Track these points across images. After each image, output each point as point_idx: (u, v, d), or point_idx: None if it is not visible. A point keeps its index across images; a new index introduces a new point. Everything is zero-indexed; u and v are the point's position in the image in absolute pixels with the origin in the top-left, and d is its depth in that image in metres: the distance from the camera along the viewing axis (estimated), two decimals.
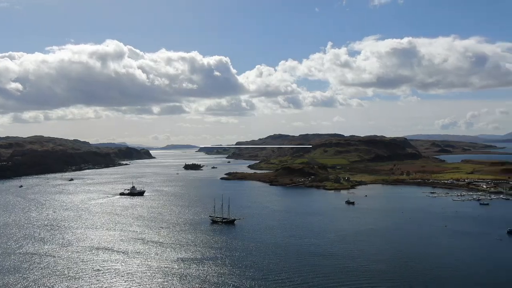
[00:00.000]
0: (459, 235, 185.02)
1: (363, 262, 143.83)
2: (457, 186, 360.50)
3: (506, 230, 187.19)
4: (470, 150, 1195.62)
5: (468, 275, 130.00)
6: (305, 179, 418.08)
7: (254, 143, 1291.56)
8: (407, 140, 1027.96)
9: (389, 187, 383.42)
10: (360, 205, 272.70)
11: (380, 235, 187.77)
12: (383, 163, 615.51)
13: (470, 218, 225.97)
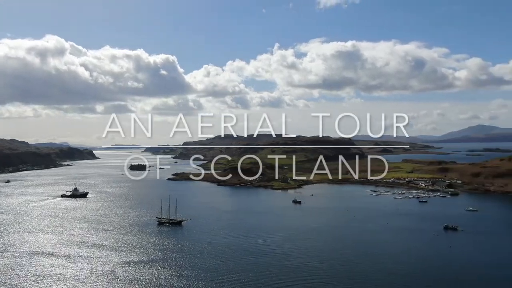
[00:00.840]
0: (400, 231, 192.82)
1: (310, 260, 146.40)
2: (398, 185, 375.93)
3: (442, 226, 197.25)
4: (410, 150, 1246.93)
5: (408, 269, 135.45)
6: (253, 179, 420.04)
7: (202, 143, 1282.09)
8: (352, 141, 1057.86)
9: (334, 186, 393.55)
10: (307, 204, 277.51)
11: (326, 233, 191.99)
12: (329, 162, 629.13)
13: (410, 215, 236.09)
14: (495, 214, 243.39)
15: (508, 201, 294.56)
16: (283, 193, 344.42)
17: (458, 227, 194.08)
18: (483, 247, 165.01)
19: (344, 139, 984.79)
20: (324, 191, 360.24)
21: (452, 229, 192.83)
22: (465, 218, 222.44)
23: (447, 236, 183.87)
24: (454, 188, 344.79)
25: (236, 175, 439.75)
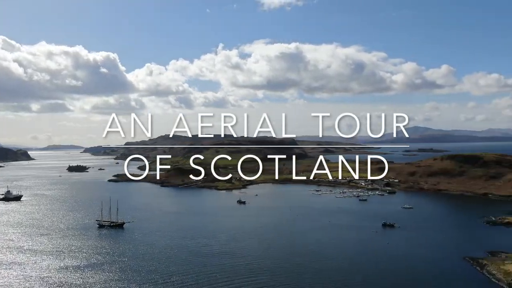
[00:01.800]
0: (342, 229, 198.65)
1: (254, 259, 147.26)
2: (340, 184, 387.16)
3: (381, 223, 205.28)
4: (351, 150, 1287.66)
5: (349, 265, 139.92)
6: (198, 179, 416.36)
7: (144, 144, 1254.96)
8: (295, 141, 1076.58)
9: (278, 186, 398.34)
10: (251, 204, 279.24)
11: (270, 232, 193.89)
12: (273, 162, 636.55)
13: (351, 213, 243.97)
14: (428, 211, 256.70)
15: (440, 198, 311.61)
16: (227, 193, 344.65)
17: (395, 224, 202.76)
18: (417, 242, 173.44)
19: (287, 139, 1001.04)
20: (268, 190, 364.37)
21: (390, 226, 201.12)
22: (402, 215, 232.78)
23: (385, 233, 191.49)
24: (391, 186, 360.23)
25: (180, 175, 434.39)
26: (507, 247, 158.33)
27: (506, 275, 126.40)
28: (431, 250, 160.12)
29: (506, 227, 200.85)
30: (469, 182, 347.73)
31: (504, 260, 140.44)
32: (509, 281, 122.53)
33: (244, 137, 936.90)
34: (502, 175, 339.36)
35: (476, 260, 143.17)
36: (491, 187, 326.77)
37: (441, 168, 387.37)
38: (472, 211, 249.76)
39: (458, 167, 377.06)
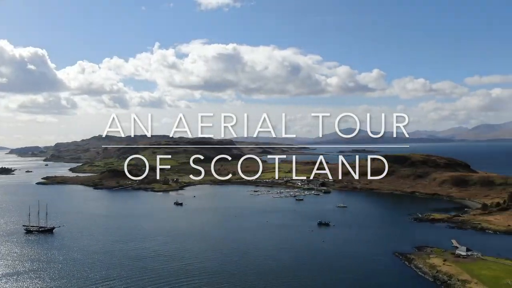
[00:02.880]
0: (279, 228, 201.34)
1: (191, 261, 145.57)
2: (277, 184, 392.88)
3: (316, 222, 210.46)
4: (288, 151, 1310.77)
5: (286, 264, 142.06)
6: (133, 181, 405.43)
7: (76, 145, 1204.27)
8: (233, 142, 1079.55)
9: (216, 187, 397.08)
10: (189, 205, 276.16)
11: (208, 233, 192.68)
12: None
13: (288, 212, 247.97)
14: (361, 209, 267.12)
15: (372, 197, 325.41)
16: (164, 195, 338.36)
17: (330, 223, 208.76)
18: (351, 239, 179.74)
19: (226, 140, 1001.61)
20: (206, 192, 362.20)
21: (325, 225, 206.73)
22: (337, 214, 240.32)
23: (321, 231, 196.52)
24: (326, 186, 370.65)
25: (115, 177, 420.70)
26: (432, 242, 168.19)
27: (431, 268, 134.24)
28: (363, 247, 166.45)
29: (431, 223, 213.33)
30: (398, 181, 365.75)
31: (430, 254, 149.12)
32: (434, 273, 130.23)
33: (182, 138, 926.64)
34: (428, 174, 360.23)
35: (405, 255, 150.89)
36: (418, 185, 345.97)
37: (373, 168, 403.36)
38: (401, 208, 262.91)
39: (388, 167, 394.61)
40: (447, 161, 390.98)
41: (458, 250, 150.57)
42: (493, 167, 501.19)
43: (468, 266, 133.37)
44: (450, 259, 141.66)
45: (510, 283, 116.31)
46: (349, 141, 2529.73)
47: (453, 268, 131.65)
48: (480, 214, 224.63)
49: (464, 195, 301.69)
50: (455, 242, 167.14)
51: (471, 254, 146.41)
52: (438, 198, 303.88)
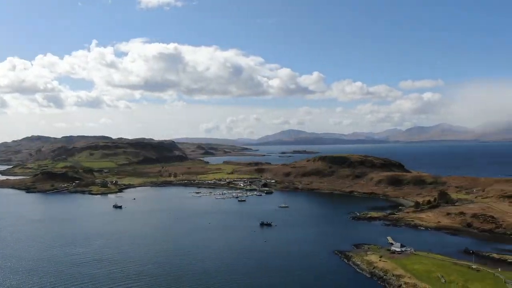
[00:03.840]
0: (221, 230, 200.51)
1: (131, 265, 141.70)
2: (219, 186, 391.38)
3: (259, 223, 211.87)
4: (230, 152, 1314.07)
5: (229, 265, 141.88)
6: (69, 184, 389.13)
7: (6, 146, 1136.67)
8: (175, 143, 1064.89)
9: (157, 189, 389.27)
10: (129, 208, 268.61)
11: (148, 236, 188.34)
12: (152, 165, 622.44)
13: (230, 213, 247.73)
14: (302, 209, 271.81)
15: (313, 196, 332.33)
16: (102, 198, 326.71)
17: (272, 223, 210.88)
18: (292, 238, 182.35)
19: (167, 141, 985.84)
20: (147, 194, 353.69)
21: (267, 225, 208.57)
22: (278, 214, 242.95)
23: (263, 232, 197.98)
24: (268, 187, 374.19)
25: (49, 180, 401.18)
26: (369, 240, 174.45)
27: (368, 265, 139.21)
28: (304, 246, 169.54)
29: (368, 222, 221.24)
30: (337, 181, 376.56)
31: (367, 251, 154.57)
32: (371, 270, 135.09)
33: (122, 139, 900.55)
34: (365, 174, 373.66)
35: (344, 253, 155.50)
36: (356, 185, 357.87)
37: (313, 169, 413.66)
38: (340, 208, 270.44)
39: (328, 168, 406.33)
40: (383, 162, 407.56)
41: (393, 247, 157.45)
42: (425, 167, 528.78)
43: (402, 261, 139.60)
44: (386, 255, 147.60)
45: (440, 276, 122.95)
46: (291, 142, 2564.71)
47: (388, 264, 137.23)
48: (413, 212, 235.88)
49: (399, 194, 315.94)
50: (390, 239, 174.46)
51: (405, 250, 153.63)
52: (374, 197, 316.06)
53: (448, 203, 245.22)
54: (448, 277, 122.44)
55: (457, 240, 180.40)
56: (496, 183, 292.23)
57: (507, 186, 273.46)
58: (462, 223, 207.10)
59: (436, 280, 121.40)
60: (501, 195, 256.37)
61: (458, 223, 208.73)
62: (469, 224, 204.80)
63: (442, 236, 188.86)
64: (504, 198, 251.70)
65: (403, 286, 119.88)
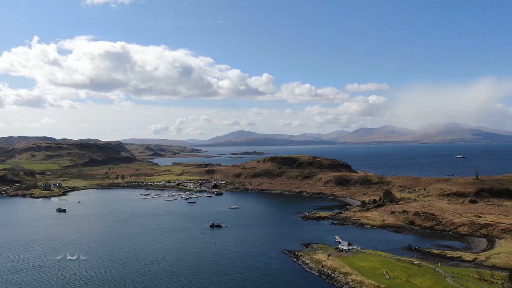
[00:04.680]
0: (170, 232, 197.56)
1: (76, 270, 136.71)
2: (169, 187, 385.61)
3: (209, 224, 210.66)
4: (180, 153, 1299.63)
5: (178, 267, 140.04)
6: (8, 187, 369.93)
7: None
8: (122, 144, 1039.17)
9: (104, 191, 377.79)
10: (73, 212, 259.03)
11: (94, 240, 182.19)
12: (98, 167, 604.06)
13: (180, 215, 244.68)
14: (252, 210, 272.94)
15: (263, 197, 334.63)
16: (45, 202, 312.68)
17: (222, 224, 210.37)
18: (242, 239, 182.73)
19: (114, 143, 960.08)
20: (93, 197, 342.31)
21: (217, 226, 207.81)
22: (229, 215, 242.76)
23: (213, 233, 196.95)
24: (219, 188, 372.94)
25: None
26: (318, 239, 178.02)
27: (317, 263, 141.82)
28: (255, 246, 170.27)
29: (317, 221, 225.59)
30: (287, 182, 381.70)
31: (316, 250, 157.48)
32: (320, 268, 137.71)
33: (66, 140, 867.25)
34: (314, 175, 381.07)
35: (293, 252, 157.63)
36: (305, 185, 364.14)
37: (263, 170, 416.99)
38: (290, 208, 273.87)
39: (278, 168, 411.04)
40: (331, 162, 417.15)
41: (341, 245, 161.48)
42: (371, 167, 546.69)
43: (350, 259, 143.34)
44: (334, 254, 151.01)
45: (385, 272, 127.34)
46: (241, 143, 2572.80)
47: (336, 262, 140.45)
48: (360, 211, 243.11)
49: (346, 193, 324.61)
50: (338, 237, 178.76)
51: (352, 248, 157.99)
52: (323, 197, 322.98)
53: (393, 202, 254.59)
54: (392, 273, 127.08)
55: (401, 238, 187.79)
56: (436, 182, 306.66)
57: (446, 185, 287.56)
58: (405, 221, 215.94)
59: (381, 276, 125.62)
60: (441, 194, 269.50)
61: (402, 221, 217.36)
62: (412, 221, 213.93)
63: (386, 234, 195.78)
64: (444, 196, 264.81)
65: (350, 283, 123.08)
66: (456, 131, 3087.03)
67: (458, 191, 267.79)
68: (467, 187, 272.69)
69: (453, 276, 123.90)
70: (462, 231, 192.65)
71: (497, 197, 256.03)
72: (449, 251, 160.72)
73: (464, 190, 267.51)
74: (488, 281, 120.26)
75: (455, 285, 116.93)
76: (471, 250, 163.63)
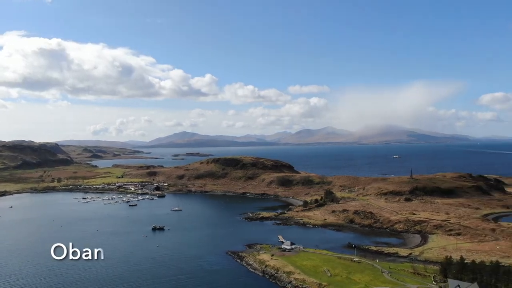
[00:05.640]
0: (111, 236, 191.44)
1: (4, 279, 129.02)
2: (109, 190, 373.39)
3: (151, 227, 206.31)
4: (120, 155, 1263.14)
5: (119, 272, 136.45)
6: None
7: None
8: (59, 146, 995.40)
9: (39, 195, 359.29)
10: (4, 218, 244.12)
11: (27, 248, 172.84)
12: (32, 170, 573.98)
13: (121, 219, 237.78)
14: (196, 212, 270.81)
15: (206, 198, 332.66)
16: None
17: (165, 227, 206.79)
18: (185, 242, 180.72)
19: (50, 144, 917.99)
20: (26, 201, 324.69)
21: (160, 229, 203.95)
22: (171, 217, 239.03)
23: (155, 236, 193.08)
24: (161, 190, 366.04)
25: None
26: (261, 239, 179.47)
27: (261, 263, 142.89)
28: (198, 248, 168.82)
29: (260, 222, 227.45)
30: (231, 183, 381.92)
31: (259, 251, 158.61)
32: (263, 268, 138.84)
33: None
34: (257, 176, 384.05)
35: (237, 253, 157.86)
36: (249, 186, 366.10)
37: (207, 171, 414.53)
38: (234, 209, 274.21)
39: (222, 170, 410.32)
40: (274, 163, 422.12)
41: (284, 245, 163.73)
42: (312, 167, 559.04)
43: (292, 258, 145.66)
44: (277, 253, 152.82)
45: (326, 270, 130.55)
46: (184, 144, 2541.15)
47: (279, 261, 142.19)
48: (302, 211, 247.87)
49: (289, 194, 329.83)
50: (281, 237, 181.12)
51: (295, 247, 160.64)
52: (266, 198, 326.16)
53: (333, 202, 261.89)
54: (333, 270, 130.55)
55: (341, 236, 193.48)
56: (374, 182, 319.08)
57: (384, 184, 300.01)
58: (346, 220, 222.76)
59: (323, 274, 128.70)
60: (379, 193, 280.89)
61: (342, 219, 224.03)
62: (352, 220, 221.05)
63: (328, 233, 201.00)
64: (381, 195, 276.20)
65: (293, 282, 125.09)
66: (393, 133, 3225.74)
67: (395, 190, 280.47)
68: (402, 186, 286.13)
69: (390, 271, 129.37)
70: (398, 228, 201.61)
71: (429, 195, 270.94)
72: (386, 247, 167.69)
73: (400, 189, 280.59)
74: (421, 275, 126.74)
75: (391, 279, 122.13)
76: (406, 246, 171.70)
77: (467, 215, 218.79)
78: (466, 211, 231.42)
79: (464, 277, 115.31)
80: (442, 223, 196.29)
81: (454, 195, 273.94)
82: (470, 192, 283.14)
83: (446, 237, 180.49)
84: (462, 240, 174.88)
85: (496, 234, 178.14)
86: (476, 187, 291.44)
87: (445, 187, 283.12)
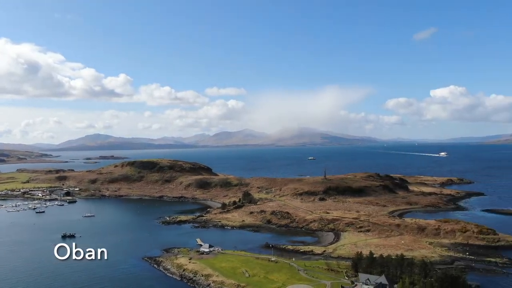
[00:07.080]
0: (15, 246, 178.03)
1: None
2: (13, 197, 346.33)
3: (60, 235, 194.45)
4: (26, 159, 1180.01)
5: (23, 284, 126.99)
6: None
7: None
8: None
9: None
10: None
11: None
12: None
13: (26, 227, 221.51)
14: (110, 217, 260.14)
15: (121, 203, 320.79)
16: None
17: (76, 234, 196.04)
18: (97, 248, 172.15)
19: None
20: None
21: (70, 237, 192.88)
22: (83, 224, 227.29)
23: None
24: (72, 195, 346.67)
25: None
26: (179, 243, 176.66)
27: (178, 267, 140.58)
28: (112, 255, 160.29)
29: (178, 225, 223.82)
30: (147, 187, 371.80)
31: (177, 255, 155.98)
32: (181, 272, 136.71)
33: None
34: (175, 179, 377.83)
35: (154, 259, 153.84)
36: (166, 190, 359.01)
37: (121, 175, 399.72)
38: (150, 213, 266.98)
39: (137, 173, 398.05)
40: (192, 166, 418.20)
41: (202, 248, 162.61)
42: (230, 169, 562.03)
43: (211, 261, 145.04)
44: (195, 257, 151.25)
45: (245, 271, 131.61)
46: (97, 147, 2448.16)
47: (197, 265, 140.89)
48: (220, 213, 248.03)
49: (207, 196, 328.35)
50: (199, 240, 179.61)
51: (213, 249, 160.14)
52: (184, 201, 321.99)
53: (251, 203, 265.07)
54: (251, 271, 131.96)
55: (259, 236, 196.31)
56: (290, 183, 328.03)
57: (299, 185, 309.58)
58: (263, 220, 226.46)
59: (241, 275, 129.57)
60: (295, 193, 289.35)
61: (260, 220, 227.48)
62: (269, 220, 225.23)
63: (246, 234, 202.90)
64: (297, 195, 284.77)
65: (212, 284, 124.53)
66: (308, 135, 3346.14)
67: (309, 190, 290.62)
68: (317, 186, 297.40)
69: (306, 269, 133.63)
70: (313, 227, 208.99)
71: (341, 195, 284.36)
72: (302, 246, 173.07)
73: (315, 189, 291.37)
74: (335, 271, 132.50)
75: (307, 277, 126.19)
76: (321, 244, 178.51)
77: (376, 212, 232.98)
78: (375, 209, 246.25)
79: (373, 271, 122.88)
80: (353, 220, 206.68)
81: (364, 194, 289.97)
82: (378, 190, 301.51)
83: (357, 234, 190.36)
84: (371, 236, 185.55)
85: (401, 229, 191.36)
86: (383, 186, 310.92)
87: (356, 187, 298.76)
